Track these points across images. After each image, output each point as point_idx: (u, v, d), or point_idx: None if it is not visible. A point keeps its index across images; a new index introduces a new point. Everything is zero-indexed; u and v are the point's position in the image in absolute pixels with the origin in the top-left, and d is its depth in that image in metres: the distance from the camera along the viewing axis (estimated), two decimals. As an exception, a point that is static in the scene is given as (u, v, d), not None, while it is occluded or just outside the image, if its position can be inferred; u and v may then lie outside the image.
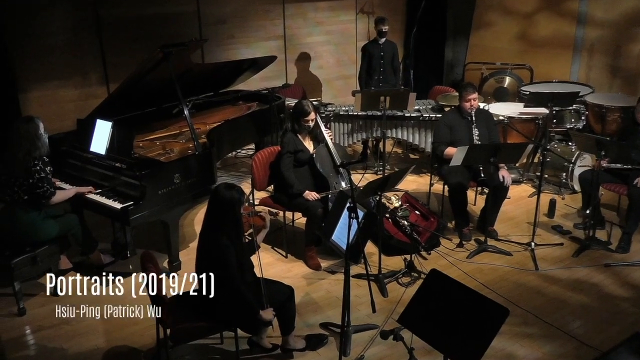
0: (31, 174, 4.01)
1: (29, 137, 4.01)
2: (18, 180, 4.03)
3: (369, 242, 4.77)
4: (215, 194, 3.29)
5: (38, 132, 4.05)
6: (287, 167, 4.60)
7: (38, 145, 4.03)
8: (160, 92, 5.03)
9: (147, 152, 4.71)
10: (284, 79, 7.61)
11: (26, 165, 4.00)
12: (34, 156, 4.01)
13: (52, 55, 6.01)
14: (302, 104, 4.64)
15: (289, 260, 4.83)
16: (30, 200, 4.07)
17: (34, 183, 4.01)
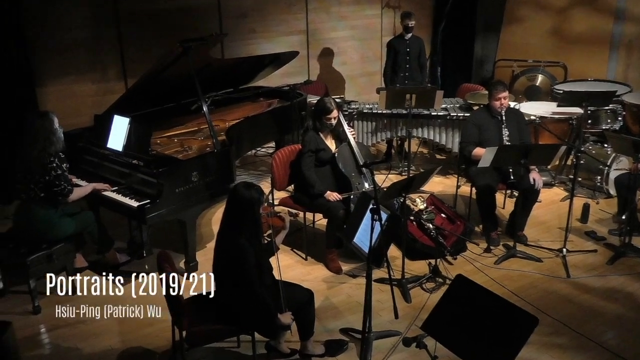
0: (47, 171, 4.07)
1: (43, 132, 4.06)
2: (34, 177, 4.09)
3: (392, 246, 4.76)
4: (234, 193, 3.31)
5: (53, 127, 4.10)
6: (308, 167, 4.62)
7: (53, 140, 4.08)
8: (178, 88, 5.08)
9: (164, 149, 4.77)
10: (306, 75, 7.63)
11: (42, 162, 4.06)
12: (49, 152, 4.07)
13: (70, 50, 6.11)
14: (324, 101, 4.66)
15: (309, 262, 4.84)
16: (47, 198, 4.13)
17: (51, 180, 4.08)
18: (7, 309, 4.19)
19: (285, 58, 6.08)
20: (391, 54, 6.81)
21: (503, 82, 5.04)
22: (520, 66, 7.91)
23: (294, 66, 6.93)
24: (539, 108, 6.17)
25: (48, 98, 6.07)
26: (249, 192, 3.27)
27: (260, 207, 3.32)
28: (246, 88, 6.18)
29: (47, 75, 6.05)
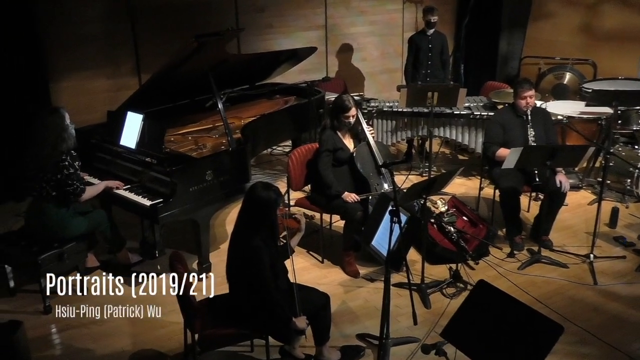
0: (59, 170, 4.09)
1: (54, 129, 4.07)
2: (46, 175, 4.11)
3: (411, 249, 4.74)
4: (251, 193, 3.31)
5: (64, 123, 4.11)
6: (325, 167, 4.61)
7: (64, 137, 4.09)
8: (193, 84, 5.11)
9: (178, 147, 4.80)
10: (324, 72, 7.63)
11: (54, 160, 4.08)
12: (61, 150, 4.08)
13: (83, 45, 6.18)
14: (342, 99, 4.64)
15: (325, 265, 4.84)
16: (59, 197, 4.16)
17: (62, 179, 4.10)
18: (18, 308, 4.25)
19: (303, 54, 6.08)
20: (412, 50, 6.78)
21: (529, 80, 5.00)
22: (548, 63, 7.83)
23: (311, 62, 6.93)
24: (567, 107, 6.11)
25: (61, 94, 6.14)
26: (267, 193, 3.27)
27: (277, 208, 3.32)
28: (262, 85, 6.20)
29: (60, 71, 6.12)
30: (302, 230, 3.69)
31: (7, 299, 4.33)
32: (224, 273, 3.41)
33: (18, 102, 5.71)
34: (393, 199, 3.44)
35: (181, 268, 3.36)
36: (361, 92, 7.30)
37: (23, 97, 5.74)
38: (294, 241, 3.68)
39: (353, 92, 6.98)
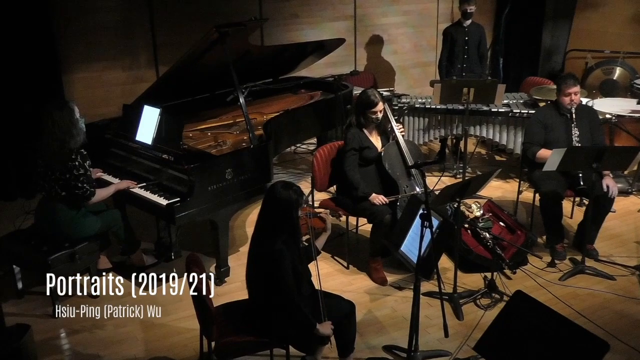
0: (68, 169, 4.11)
1: (63, 124, 4.08)
2: (54, 174, 4.14)
3: (443, 256, 4.72)
4: (271, 193, 3.34)
5: (73, 118, 4.12)
6: (351, 167, 4.62)
7: (74, 133, 4.11)
8: (213, 77, 5.15)
9: (197, 144, 4.84)
10: (352, 65, 7.63)
11: (62, 157, 4.10)
12: (70, 147, 4.10)
13: (99, 35, 6.26)
14: (367, 94, 4.64)
15: (351, 272, 4.84)
16: (69, 197, 4.20)
17: (71, 180, 4.12)
18: (26, 311, 4.32)
19: (330, 46, 6.09)
20: (447, 43, 6.76)
21: (574, 76, 4.94)
22: (595, 57, 7.73)
23: (339, 55, 6.94)
24: (616, 105, 6.03)
25: (74, 86, 6.24)
26: (287, 193, 3.29)
27: (299, 209, 3.34)
28: (287, 78, 6.23)
29: (75, 61, 6.22)
30: (328, 230, 3.69)
31: (15, 301, 4.41)
32: (244, 277, 3.44)
33: (30, 95, 5.81)
34: (424, 202, 3.43)
35: (198, 272, 3.39)
36: (391, 88, 7.28)
37: (35, 90, 5.84)
38: (320, 242, 3.69)
39: (383, 87, 6.98)
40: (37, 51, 5.84)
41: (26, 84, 5.83)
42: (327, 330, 3.34)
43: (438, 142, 6.87)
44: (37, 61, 5.85)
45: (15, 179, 5.99)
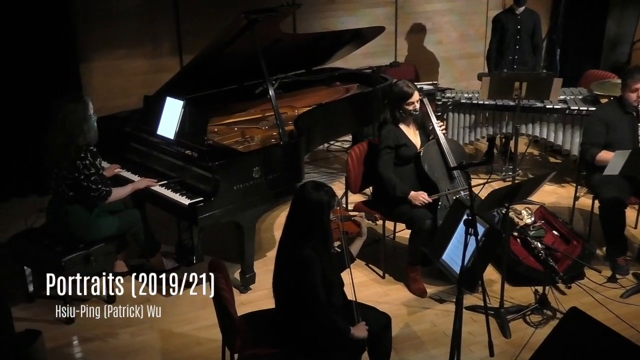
0: (77, 168, 4.15)
1: (74, 119, 4.12)
2: (61, 172, 4.19)
3: (489, 267, 4.69)
4: (300, 193, 3.35)
5: (87, 113, 4.17)
6: (386, 166, 4.60)
7: (84, 129, 4.14)
8: (241, 67, 5.19)
9: (222, 139, 4.89)
10: (392, 56, 7.62)
11: (69, 155, 4.14)
12: (78, 144, 4.13)
13: (119, 20, 6.35)
14: (399, 85, 4.62)
15: (387, 281, 4.84)
16: (78, 197, 4.25)
17: (83, 181, 4.16)
18: (37, 316, 4.40)
19: (368, 35, 6.09)
20: (497, 31, 6.70)
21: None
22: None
23: (378, 45, 6.93)
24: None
25: (93, 75, 6.34)
26: (318, 194, 3.30)
27: (330, 211, 3.35)
28: (320, 70, 6.24)
29: (93, 49, 6.31)
30: (363, 235, 3.69)
31: (25, 305, 4.49)
32: (270, 285, 3.46)
33: (46, 84, 5.93)
34: (469, 207, 3.41)
35: (221, 278, 3.42)
36: (435, 81, 7.26)
37: (51, 79, 5.96)
38: (354, 248, 3.69)
39: (425, 81, 6.95)
40: (53, 37, 5.94)
41: (42, 72, 5.94)
42: (363, 332, 3.34)
43: (485, 142, 6.81)
44: (54, 48, 5.96)
45: (29, 175, 6.10)
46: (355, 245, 3.70)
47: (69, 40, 6.07)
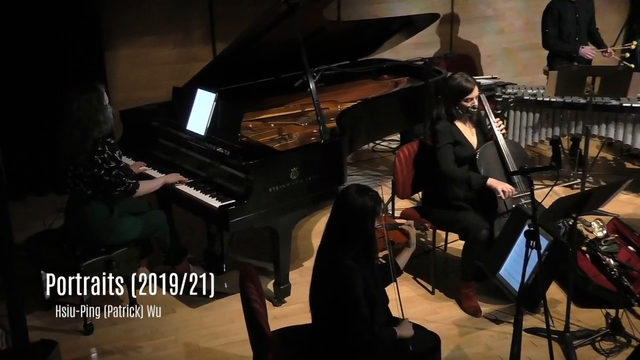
0: (95, 164, 4.19)
1: (89, 108, 4.16)
2: (77, 169, 4.24)
3: (553, 285, 4.63)
4: (342, 198, 3.35)
5: (101, 103, 4.22)
6: (448, 161, 4.55)
7: (99, 120, 4.18)
8: (279, 58, 5.22)
9: (257, 136, 4.92)
10: (447, 46, 7.58)
11: (86, 150, 4.18)
12: (94, 137, 4.18)
13: (147, 5, 6.45)
14: (457, 79, 4.58)
15: (437, 298, 4.82)
16: (96, 196, 4.30)
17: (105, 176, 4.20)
18: (53, 325, 4.47)
19: (420, 22, 6.07)
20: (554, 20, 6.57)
21: None
22: None
23: (432, 34, 6.92)
24: None
25: (118, 64, 6.45)
26: (362, 199, 3.29)
27: (375, 218, 3.34)
28: (367, 61, 6.24)
29: (119, 36, 6.42)
30: (411, 246, 3.68)
31: (41, 312, 4.57)
32: (307, 298, 3.46)
33: (67, 75, 6.04)
34: (531, 217, 3.37)
35: (253, 288, 3.43)
36: (494, 75, 7.19)
37: (72, 69, 6.07)
38: (402, 260, 3.68)
39: (484, 74, 6.90)
40: (75, 23, 6.05)
41: (63, 61, 6.06)
42: (409, 331, 3.36)
43: (550, 144, 6.72)
44: (76, 35, 6.07)
45: (47, 172, 6.23)
46: (403, 257, 3.69)
47: (92, 26, 6.17)
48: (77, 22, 6.06)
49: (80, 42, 6.10)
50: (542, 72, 7.04)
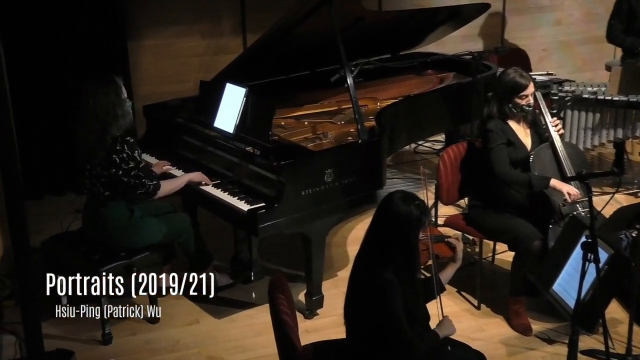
0: (113, 164, 4.22)
1: (106, 103, 4.18)
2: (94, 169, 4.27)
3: (613, 302, 4.56)
4: (386, 205, 3.32)
5: (120, 97, 4.24)
6: (503, 162, 4.51)
7: (117, 114, 4.21)
8: (315, 50, 5.23)
9: (290, 135, 4.94)
10: (498, 39, 7.53)
11: (103, 148, 4.20)
12: (113, 134, 4.20)
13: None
14: (511, 74, 4.55)
15: (483, 314, 4.79)
16: (116, 198, 4.33)
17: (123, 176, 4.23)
18: (69, 334, 4.52)
19: (469, 13, 6.04)
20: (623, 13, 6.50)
21: None
22: None
23: (481, 25, 6.88)
24: None
25: (142, 56, 6.51)
26: (408, 207, 3.26)
27: (420, 230, 3.32)
28: (410, 55, 6.23)
29: (143, 25, 6.48)
30: (457, 261, 3.66)
31: (57, 320, 4.55)
32: (341, 310, 3.46)
33: (87, 66, 6.09)
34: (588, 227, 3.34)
35: (283, 299, 3.44)
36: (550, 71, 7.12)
37: (94, 61, 6.14)
38: (446, 275, 3.66)
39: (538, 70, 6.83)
40: (97, 11, 6.12)
41: (84, 52, 6.14)
42: (451, 328, 3.37)
43: (612, 147, 6.64)
44: (98, 24, 6.14)
45: (65, 169, 6.30)
46: (447, 273, 3.67)
47: (114, 14, 6.24)
48: (98, 10, 6.13)
49: (101, 32, 6.17)
50: (603, 68, 6.97)
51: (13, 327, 4.45)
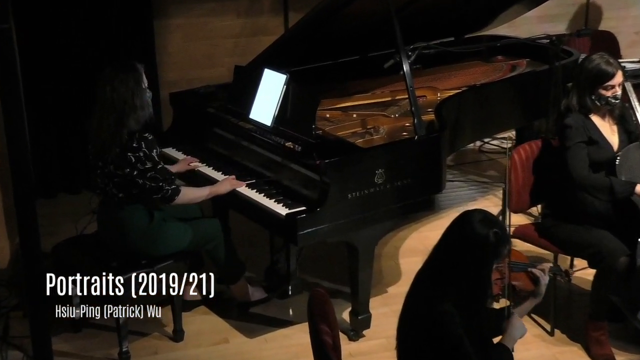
0: (128, 163, 4.22)
1: (125, 91, 4.19)
2: (107, 166, 4.29)
3: None
4: (460, 223, 3.22)
5: (140, 84, 4.26)
6: (582, 164, 4.48)
7: (136, 105, 4.21)
8: (365, 33, 5.23)
9: (336, 129, 4.94)
10: (581, 21, 7.47)
11: (119, 143, 4.21)
12: (130, 128, 4.21)
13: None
14: (595, 61, 4.49)
15: (557, 340, 4.75)
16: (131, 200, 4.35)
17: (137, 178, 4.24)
18: (82, 351, 4.58)
19: (546, -10, 6.01)
20: None
21: None
22: None
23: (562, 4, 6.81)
24: None
25: (169, 36, 6.56)
26: (486, 231, 3.18)
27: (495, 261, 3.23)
28: (476, 38, 6.22)
29: (171, 1, 6.52)
30: (538, 296, 3.58)
31: (70, 335, 4.68)
32: (390, 332, 3.44)
33: (108, 49, 6.19)
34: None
35: (325, 317, 3.45)
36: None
37: (116, 42, 6.21)
38: (522, 310, 3.58)
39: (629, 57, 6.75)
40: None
41: (106, 32, 6.21)
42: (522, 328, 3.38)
43: None
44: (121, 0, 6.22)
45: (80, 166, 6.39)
46: (523, 308, 3.59)
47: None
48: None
49: (123, 10, 6.23)
50: None
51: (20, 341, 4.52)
